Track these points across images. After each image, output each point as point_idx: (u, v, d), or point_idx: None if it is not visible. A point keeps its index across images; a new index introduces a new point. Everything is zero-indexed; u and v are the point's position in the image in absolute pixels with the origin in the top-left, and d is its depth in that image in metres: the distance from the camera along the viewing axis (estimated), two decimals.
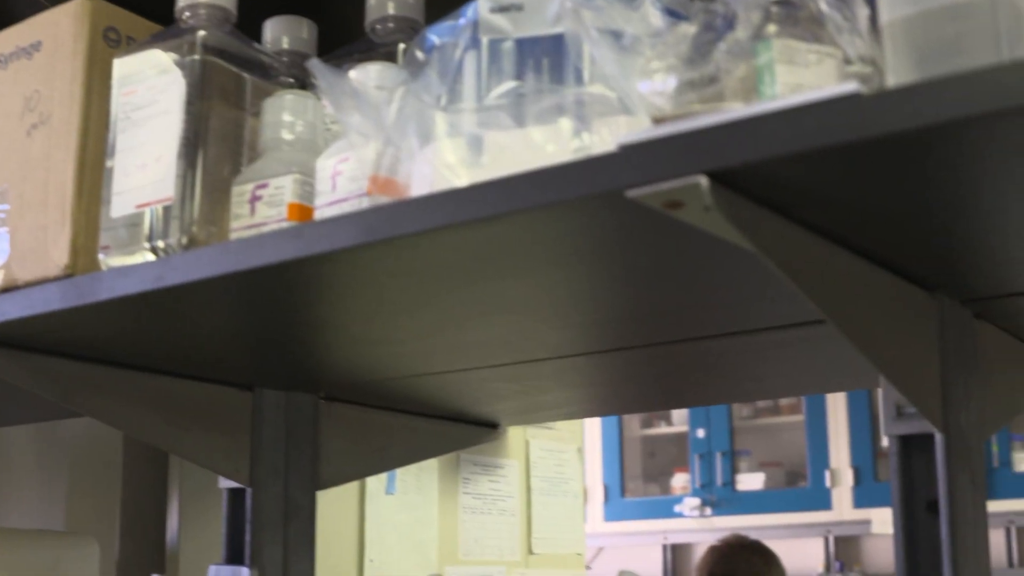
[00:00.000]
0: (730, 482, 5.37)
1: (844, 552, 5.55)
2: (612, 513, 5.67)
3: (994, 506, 4.75)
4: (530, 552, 2.76)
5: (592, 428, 5.70)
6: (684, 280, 1.15)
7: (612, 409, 2.48)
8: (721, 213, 0.80)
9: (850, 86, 0.74)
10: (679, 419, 5.71)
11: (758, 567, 3.89)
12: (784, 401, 5.51)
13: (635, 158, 0.80)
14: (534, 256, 1.03)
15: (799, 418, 5.36)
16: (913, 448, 1.16)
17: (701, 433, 5.46)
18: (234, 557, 1.66)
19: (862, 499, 5.11)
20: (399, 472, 2.43)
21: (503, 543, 2.68)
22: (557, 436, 2.87)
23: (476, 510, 2.62)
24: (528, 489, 2.77)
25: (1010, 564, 5.22)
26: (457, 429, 1.92)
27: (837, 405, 5.16)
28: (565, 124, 0.93)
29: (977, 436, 1.18)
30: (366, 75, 1.14)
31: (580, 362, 1.51)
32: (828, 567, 5.52)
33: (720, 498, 5.34)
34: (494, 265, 1.05)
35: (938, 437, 1.12)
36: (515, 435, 2.73)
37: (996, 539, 5.24)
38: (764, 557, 3.95)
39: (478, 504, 2.63)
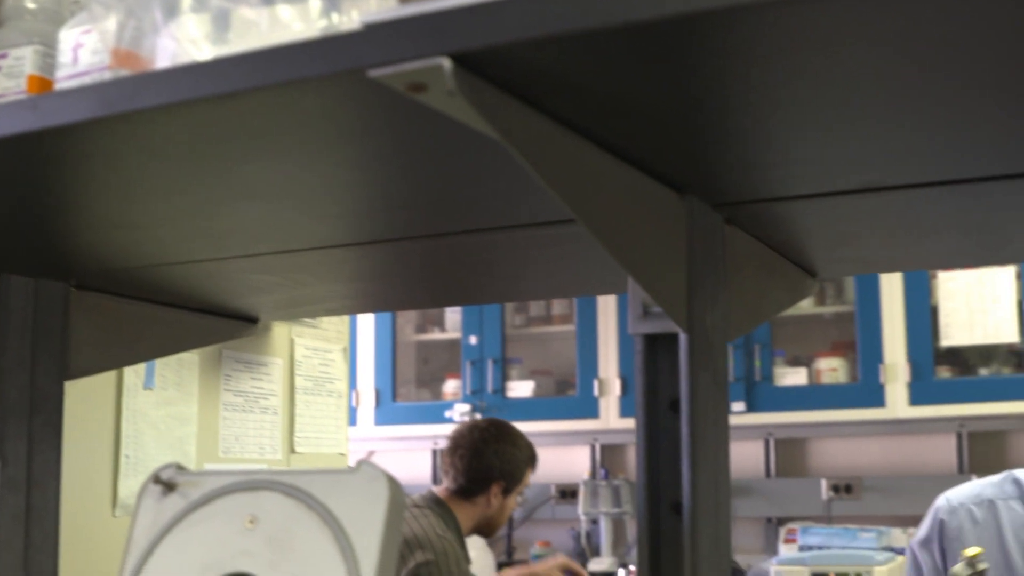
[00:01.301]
0: (501, 389, 5.42)
1: (610, 460, 5.66)
2: (383, 417, 5.67)
3: (755, 418, 4.90)
4: (292, 451, 2.75)
5: (365, 332, 5.68)
6: (439, 171, 1.14)
7: (377, 306, 2.46)
8: (465, 98, 0.79)
9: None
10: (452, 325, 5.73)
11: (502, 446, 3.97)
12: (556, 310, 5.56)
13: (378, 37, 0.78)
14: (281, 138, 1.00)
15: (570, 328, 5.42)
16: (658, 347, 1.17)
17: (474, 340, 5.48)
18: None
19: (628, 408, 5.20)
20: (158, 367, 2.38)
21: (264, 441, 2.66)
22: (323, 335, 2.85)
23: (237, 408, 2.59)
24: (292, 388, 2.75)
25: (767, 474, 5.39)
26: (214, 322, 1.89)
27: (608, 315, 5.24)
28: (314, 2, 0.91)
29: (722, 337, 1.20)
30: None
31: (339, 254, 1.49)
32: (594, 474, 5.62)
33: (490, 404, 5.38)
34: (241, 147, 1.02)
35: (682, 337, 1.14)
36: (280, 333, 2.70)
37: (756, 450, 5.41)
38: (499, 429, 4.05)
39: (240, 402, 2.59)
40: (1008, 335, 4.75)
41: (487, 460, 3.87)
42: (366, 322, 5.67)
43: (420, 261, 1.56)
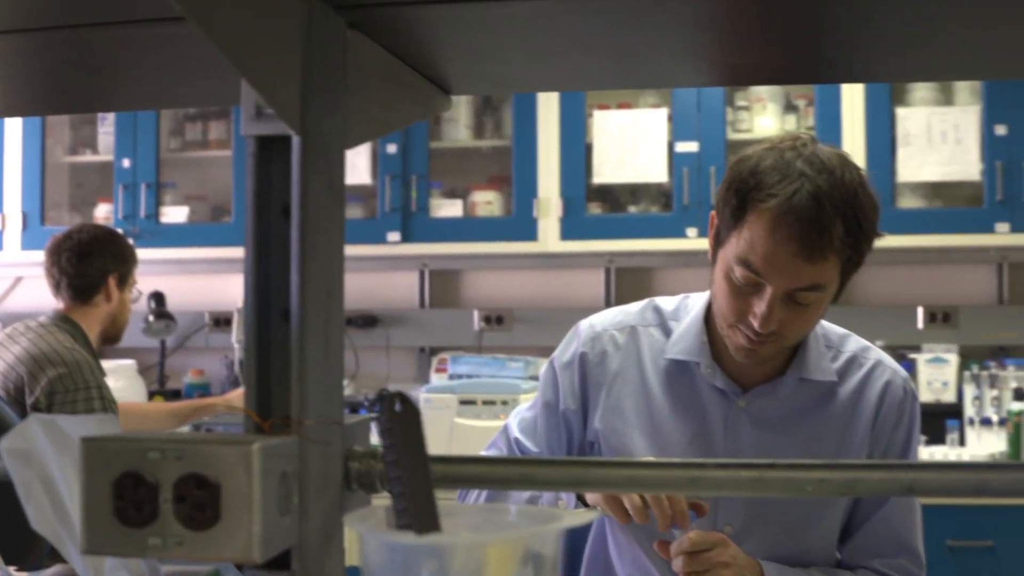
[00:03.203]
0: (154, 214, 5.28)
1: None
2: (31, 241, 5.44)
3: (410, 249, 4.94)
4: None
5: (12, 152, 5.44)
6: None
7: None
8: None
9: None
10: (105, 148, 5.52)
11: (102, 242, 3.98)
12: (213, 135, 5.43)
13: None
14: None
15: (227, 153, 5.32)
16: (272, 151, 1.14)
17: (127, 163, 5.31)
18: None
19: None
20: None
21: None
22: None
23: None
24: None
25: (422, 305, 5.46)
26: None
27: None
28: None
29: (339, 144, 1.18)
30: None
31: None
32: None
33: (143, 230, 5.24)
34: None
35: (295, 140, 1.11)
36: None
37: (410, 280, 5.48)
38: (94, 227, 4.09)
39: None
40: (657, 175, 4.90)
41: (94, 254, 3.90)
42: (13, 142, 5.42)
43: (23, 60, 1.46)
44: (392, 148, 4.99)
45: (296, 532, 1.12)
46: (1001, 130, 4.72)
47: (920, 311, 5.09)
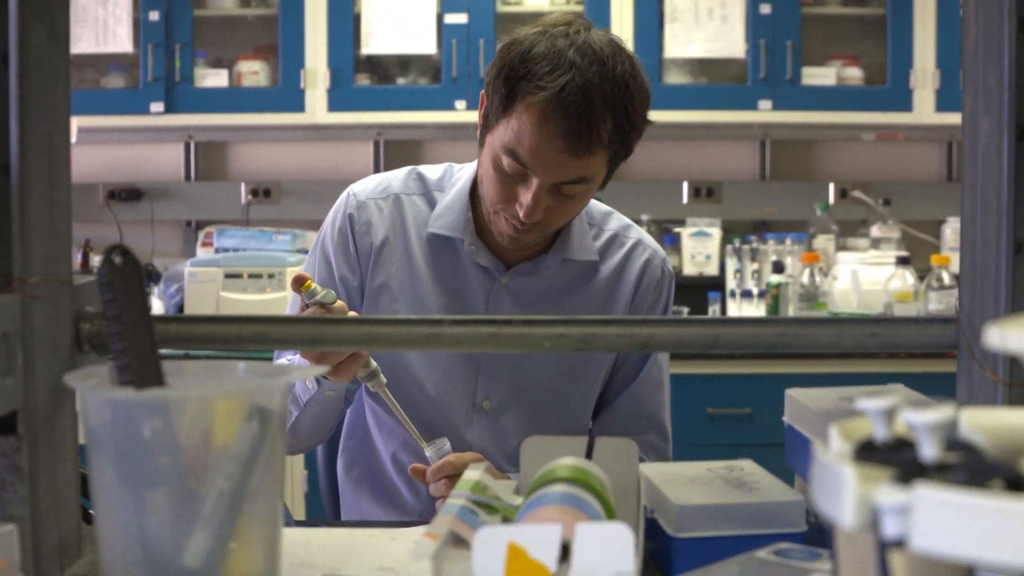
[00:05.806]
0: None
1: None
2: None
3: (175, 120, 4.82)
4: None
5: None
6: None
7: None
8: None
9: None
10: None
11: None
12: None
13: None
14: None
15: None
16: None
17: None
18: None
19: None
20: None
21: None
22: None
23: None
24: None
25: (188, 178, 5.33)
26: None
27: None
28: None
29: None
30: None
31: None
32: None
33: None
34: None
35: None
36: None
37: (176, 153, 5.34)
38: None
39: None
40: (426, 46, 4.86)
41: None
42: None
43: None
44: (155, 15, 4.83)
45: (21, 394, 1.08)
46: (766, 9, 4.80)
47: (685, 186, 5.19)
